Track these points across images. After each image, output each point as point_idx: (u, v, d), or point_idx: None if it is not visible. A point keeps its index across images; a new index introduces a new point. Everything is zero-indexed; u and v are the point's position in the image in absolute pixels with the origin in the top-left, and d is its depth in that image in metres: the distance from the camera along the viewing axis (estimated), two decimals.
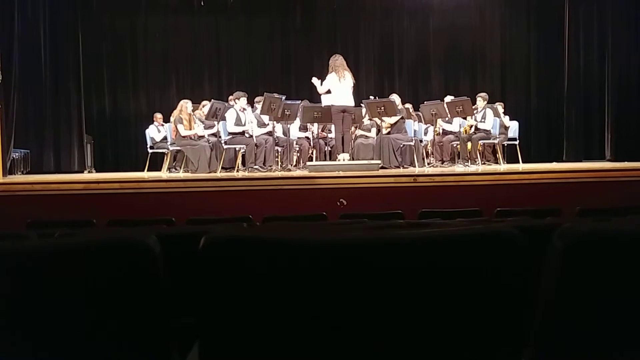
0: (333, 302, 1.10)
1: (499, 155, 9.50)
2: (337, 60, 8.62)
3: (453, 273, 1.11)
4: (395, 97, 9.41)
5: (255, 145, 8.62)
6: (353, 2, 12.32)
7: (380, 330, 1.11)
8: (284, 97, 8.59)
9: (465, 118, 9.34)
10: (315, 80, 8.71)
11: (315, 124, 9.27)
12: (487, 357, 1.14)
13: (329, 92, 8.59)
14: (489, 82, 12.28)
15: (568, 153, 11.40)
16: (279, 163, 8.97)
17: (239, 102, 8.97)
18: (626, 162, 9.40)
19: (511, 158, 9.99)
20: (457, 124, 9.46)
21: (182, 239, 1.98)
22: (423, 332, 1.12)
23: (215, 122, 8.78)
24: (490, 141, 9.35)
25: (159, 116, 10.32)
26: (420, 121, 9.52)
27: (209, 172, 8.40)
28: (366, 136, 9.42)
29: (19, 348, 1.18)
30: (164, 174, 9.10)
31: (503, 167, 9.04)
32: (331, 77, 8.53)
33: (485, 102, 9.45)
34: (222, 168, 8.67)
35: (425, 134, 9.59)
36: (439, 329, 1.12)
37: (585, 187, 6.89)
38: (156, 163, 9.94)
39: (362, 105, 9.13)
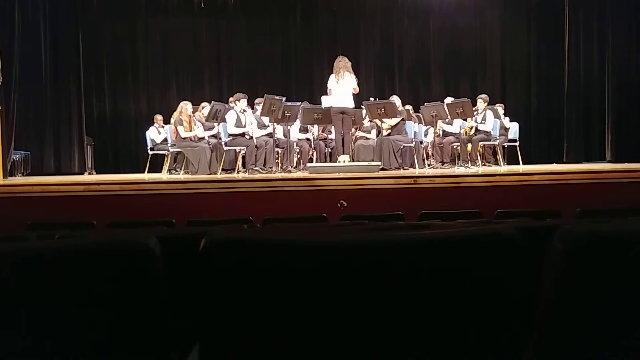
0: (334, 304, 1.10)
1: (499, 156, 9.49)
2: (340, 62, 8.64)
3: (454, 274, 1.11)
4: (395, 99, 9.42)
5: (256, 146, 8.62)
6: (353, 3, 12.32)
7: (382, 332, 1.11)
8: (284, 99, 8.59)
9: (465, 119, 9.34)
10: None
11: (316, 126, 9.27)
12: (487, 357, 1.13)
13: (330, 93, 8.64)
14: (489, 83, 12.27)
15: (568, 154, 11.39)
16: (279, 164, 8.97)
17: (239, 104, 8.97)
18: (626, 164, 9.40)
19: (511, 159, 9.98)
20: (457, 126, 9.46)
21: (183, 241, 1.98)
22: (424, 333, 1.12)
23: (216, 124, 8.79)
24: (491, 142, 9.35)
25: (159, 118, 10.32)
26: (420, 122, 9.52)
27: (209, 174, 8.40)
28: (366, 137, 9.42)
29: (19, 349, 1.18)
30: (164, 175, 9.10)
31: (503, 168, 9.04)
32: (331, 78, 8.59)
33: (486, 103, 9.45)
34: (223, 169, 8.68)
35: (426, 135, 9.59)
36: (440, 330, 1.12)
37: (586, 189, 6.89)
38: (156, 165, 9.93)
39: (363, 106, 9.13)
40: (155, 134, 10.08)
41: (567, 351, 1.13)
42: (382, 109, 8.59)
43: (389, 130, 9.02)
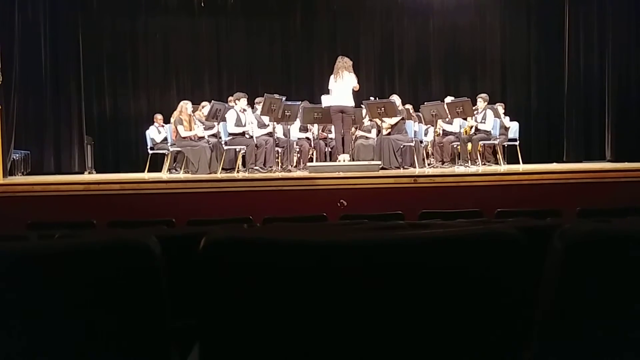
0: (335, 303, 1.10)
1: (499, 156, 9.49)
2: (339, 62, 8.69)
3: (453, 274, 1.11)
4: (395, 98, 9.42)
5: (256, 146, 8.62)
6: (353, 3, 12.33)
7: (383, 332, 1.11)
8: (284, 98, 8.60)
9: (465, 119, 9.34)
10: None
11: (316, 125, 9.27)
12: (487, 357, 1.13)
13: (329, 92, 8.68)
14: (489, 82, 12.28)
15: (568, 154, 11.39)
16: (279, 164, 8.97)
17: (239, 103, 8.97)
18: (626, 163, 9.40)
19: (511, 159, 9.98)
20: (457, 125, 9.46)
21: (183, 240, 1.98)
22: (424, 333, 1.12)
23: (216, 123, 8.79)
24: (491, 142, 9.35)
25: (159, 117, 10.33)
26: (420, 122, 9.52)
27: (209, 173, 8.40)
28: (366, 137, 9.42)
29: (20, 349, 1.18)
30: (164, 175, 9.10)
31: (503, 167, 9.04)
32: (331, 79, 8.63)
33: (486, 103, 9.45)
34: (223, 169, 8.67)
35: (426, 134, 9.59)
36: (440, 330, 1.12)
37: (586, 188, 6.89)
38: (156, 164, 9.94)
39: (363, 106, 9.14)
40: (155, 133, 10.09)
41: (567, 351, 1.13)
42: (382, 108, 8.59)
43: (389, 130, 9.01)
